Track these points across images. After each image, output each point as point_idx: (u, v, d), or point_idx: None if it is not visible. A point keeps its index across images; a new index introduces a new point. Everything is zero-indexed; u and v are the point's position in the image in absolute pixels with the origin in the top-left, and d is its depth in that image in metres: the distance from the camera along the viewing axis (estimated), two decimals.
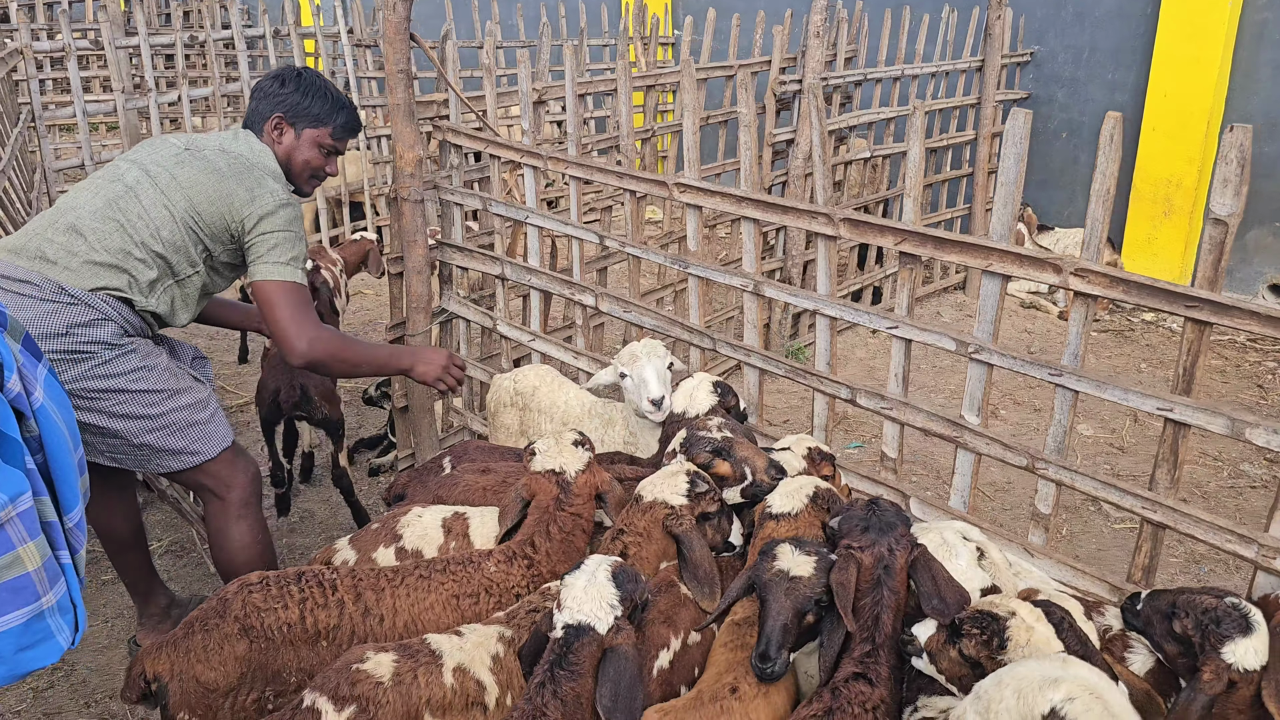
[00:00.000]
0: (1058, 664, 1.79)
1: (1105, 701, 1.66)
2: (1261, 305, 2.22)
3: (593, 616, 2.17)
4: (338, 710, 2.13)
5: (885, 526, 2.28)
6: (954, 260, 2.73)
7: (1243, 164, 2.22)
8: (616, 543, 2.62)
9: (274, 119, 3.29)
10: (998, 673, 1.80)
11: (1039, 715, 1.66)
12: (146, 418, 3.01)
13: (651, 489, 2.61)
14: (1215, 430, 2.39)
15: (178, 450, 3.08)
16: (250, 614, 2.38)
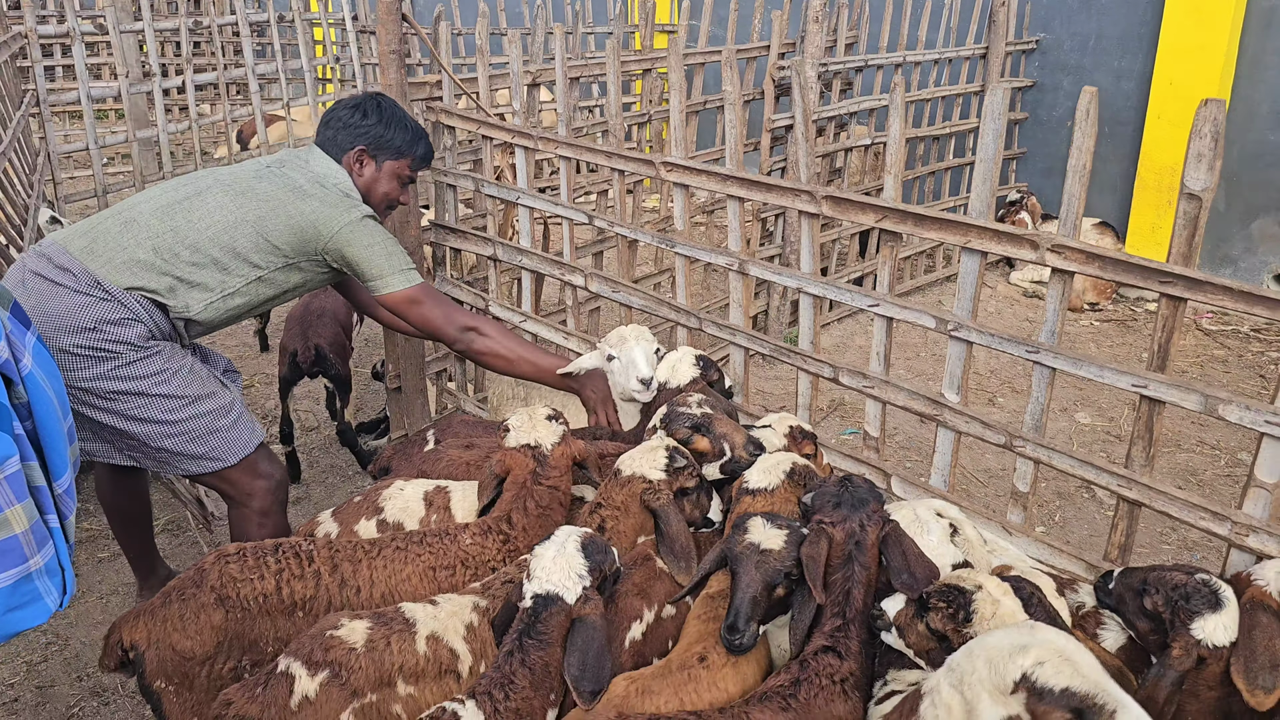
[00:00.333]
0: (1026, 631, 1.80)
1: (1075, 663, 1.68)
2: (1233, 280, 2.21)
3: (561, 586, 2.19)
4: (311, 675, 2.15)
5: (857, 502, 2.28)
6: (933, 237, 2.73)
7: (1216, 138, 2.22)
8: (594, 516, 2.64)
9: (356, 151, 3.28)
10: (969, 644, 1.81)
11: (1011, 682, 1.67)
12: (165, 423, 2.99)
13: (630, 464, 2.62)
14: (1189, 407, 2.38)
15: (196, 456, 3.07)
16: (226, 584, 2.41)
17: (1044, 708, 1.63)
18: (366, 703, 2.18)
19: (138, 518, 3.62)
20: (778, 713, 2.04)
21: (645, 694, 2.12)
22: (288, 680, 2.15)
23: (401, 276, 3.17)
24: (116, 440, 3.06)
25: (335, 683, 2.16)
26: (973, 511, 2.81)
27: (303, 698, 2.13)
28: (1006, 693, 1.66)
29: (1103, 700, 1.63)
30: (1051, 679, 1.64)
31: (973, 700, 1.70)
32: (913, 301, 2.72)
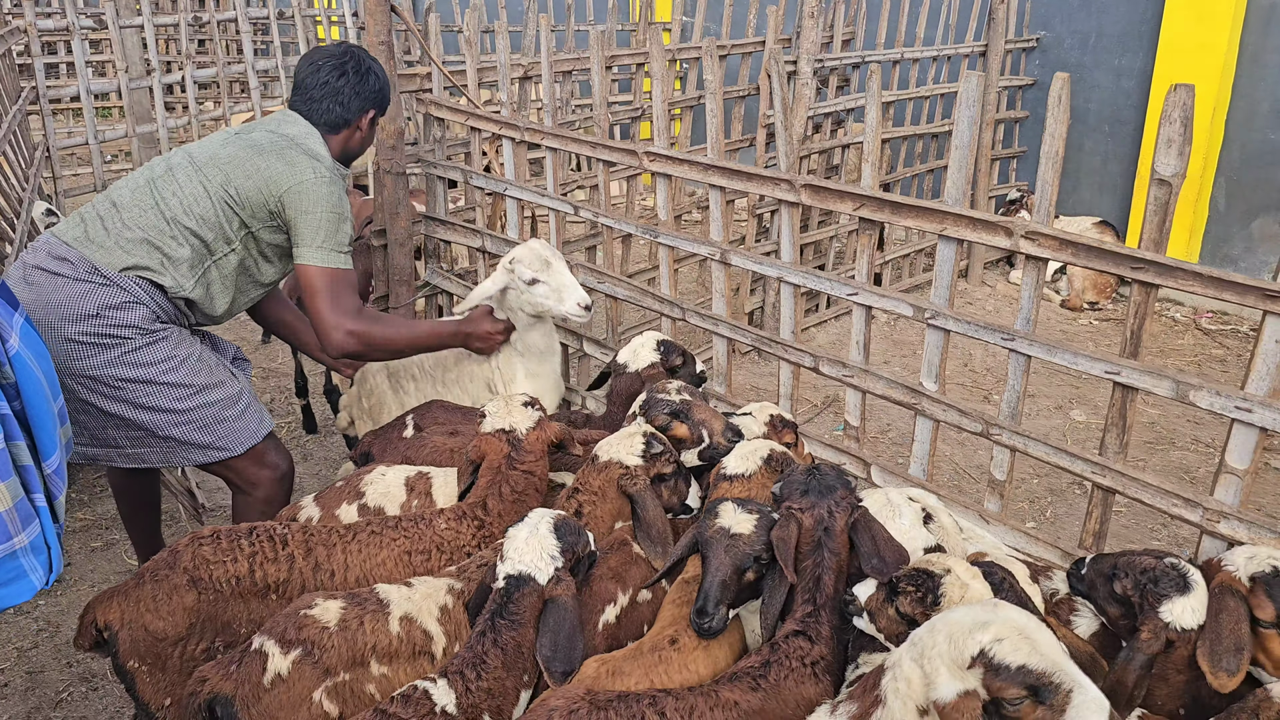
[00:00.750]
0: (989, 609, 1.80)
1: (1033, 641, 1.69)
2: (1203, 267, 2.21)
3: (533, 567, 2.22)
4: (284, 653, 2.17)
5: (825, 489, 2.28)
6: (910, 224, 2.74)
7: (1185, 123, 2.21)
8: (571, 501, 2.66)
9: (369, 114, 3.24)
10: (931, 620, 1.82)
11: (969, 657, 1.68)
12: (174, 411, 2.99)
13: (608, 449, 2.64)
14: (1160, 393, 2.38)
15: (203, 445, 3.06)
16: (199, 566, 2.42)
17: (999, 683, 1.65)
18: (339, 681, 2.19)
19: (147, 504, 3.63)
20: (747, 692, 2.05)
21: (616, 675, 2.14)
22: (261, 658, 2.16)
23: (328, 254, 3.02)
24: (120, 436, 3.05)
25: (308, 661, 2.18)
26: (965, 507, 2.80)
27: (275, 675, 2.14)
28: (964, 667, 1.68)
29: (1059, 679, 1.64)
30: (1009, 656, 1.65)
31: (931, 673, 1.71)
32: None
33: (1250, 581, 2.12)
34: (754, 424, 2.85)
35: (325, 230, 3.01)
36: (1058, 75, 2.46)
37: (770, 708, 2.04)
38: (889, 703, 1.76)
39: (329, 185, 3.03)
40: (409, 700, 2.06)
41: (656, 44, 3.27)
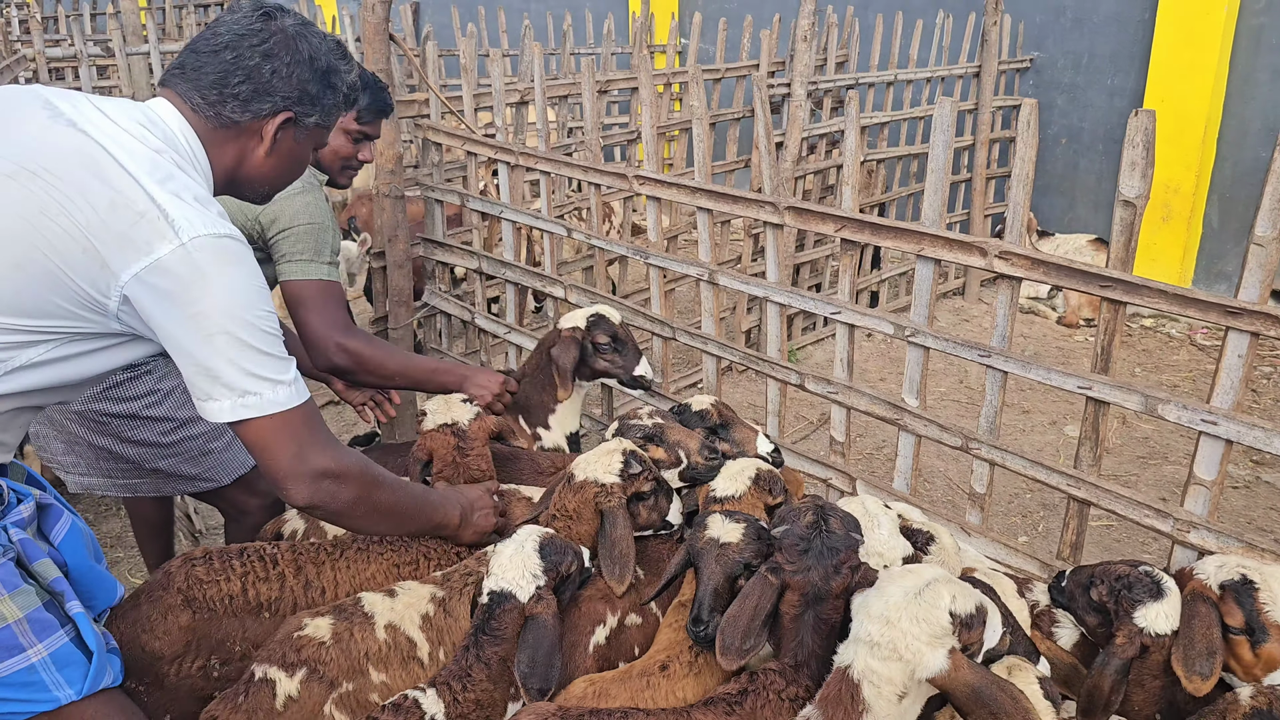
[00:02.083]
0: (911, 576, 1.92)
1: (961, 584, 1.88)
2: (1167, 285, 2.28)
3: (515, 585, 2.25)
4: (290, 675, 2.24)
5: (827, 551, 2.14)
6: (889, 245, 2.81)
7: (1148, 147, 2.29)
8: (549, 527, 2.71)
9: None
10: (876, 615, 1.87)
11: (946, 625, 1.80)
12: (159, 445, 3.00)
13: (584, 468, 2.61)
14: (1131, 407, 2.45)
15: (191, 477, 3.08)
16: (193, 586, 2.48)
17: (970, 634, 1.81)
18: (344, 692, 2.27)
19: (159, 523, 3.68)
20: (721, 718, 2.05)
21: (603, 697, 2.17)
22: (269, 685, 2.23)
23: (312, 266, 2.93)
24: (113, 468, 3.08)
25: (314, 678, 2.25)
26: (990, 538, 2.86)
27: (287, 698, 2.22)
28: (945, 634, 1.79)
29: (983, 602, 1.87)
30: (966, 606, 1.82)
31: (915, 659, 1.79)
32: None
33: (1220, 589, 2.18)
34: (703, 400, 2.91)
35: (305, 241, 2.93)
36: (1025, 101, 2.54)
37: None
38: (874, 707, 1.84)
39: (303, 194, 2.96)
40: (399, 709, 2.12)
41: (645, 69, 3.36)
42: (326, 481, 2.07)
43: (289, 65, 2.05)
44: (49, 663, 1.86)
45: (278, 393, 1.95)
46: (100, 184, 1.81)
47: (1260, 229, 2.20)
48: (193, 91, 2.01)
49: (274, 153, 2.11)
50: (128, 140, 1.88)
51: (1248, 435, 2.28)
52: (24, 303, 1.81)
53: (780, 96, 6.36)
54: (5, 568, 1.82)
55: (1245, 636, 2.14)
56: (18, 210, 1.78)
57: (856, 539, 2.20)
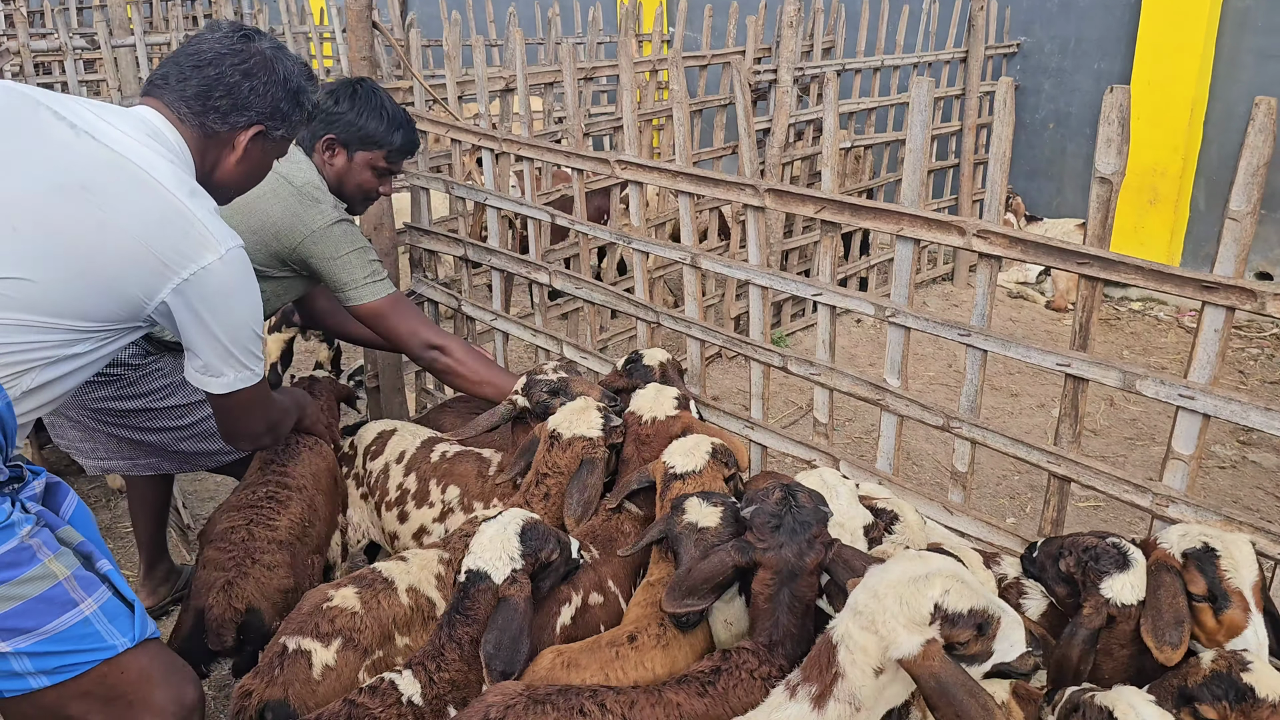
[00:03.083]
0: (919, 561, 1.91)
1: (969, 584, 1.86)
2: (1144, 261, 2.30)
3: (491, 565, 2.26)
4: (325, 645, 2.32)
5: (799, 526, 2.19)
6: (869, 226, 2.83)
7: (1123, 124, 2.31)
8: (541, 486, 2.78)
9: (325, 140, 3.19)
10: (868, 585, 1.90)
11: (926, 614, 1.80)
12: (178, 429, 3.11)
13: (569, 427, 2.77)
14: (1109, 383, 2.47)
15: (212, 453, 3.20)
16: None
17: (956, 630, 1.80)
18: (375, 659, 2.34)
19: (156, 505, 3.74)
20: (693, 697, 2.08)
21: (571, 667, 2.20)
22: (304, 656, 2.30)
23: (372, 287, 3.13)
24: (134, 452, 3.18)
25: (349, 646, 2.34)
26: (972, 516, 2.88)
27: (324, 667, 2.30)
28: (924, 623, 1.80)
29: (994, 611, 1.84)
30: (958, 604, 1.81)
31: (889, 636, 1.80)
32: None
33: (1183, 558, 2.21)
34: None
35: (362, 266, 3.14)
36: (1003, 79, 2.55)
37: (715, 714, 2.05)
38: (848, 674, 1.85)
39: (339, 226, 3.12)
40: (376, 691, 2.14)
41: (626, 54, 3.37)
42: (265, 437, 2.68)
43: (265, 84, 2.32)
44: (100, 614, 2.01)
45: (258, 369, 2.36)
46: (146, 198, 2.05)
47: (1235, 203, 2.21)
48: (179, 102, 2.24)
49: (243, 161, 2.37)
50: (148, 154, 2.11)
51: (1225, 409, 2.30)
52: (84, 307, 2.05)
53: (767, 83, 6.36)
54: (43, 534, 1.97)
55: (1208, 603, 2.17)
56: (76, 223, 1.99)
57: (826, 512, 2.24)
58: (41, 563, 1.93)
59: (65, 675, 1.98)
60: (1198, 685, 2.04)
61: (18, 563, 1.89)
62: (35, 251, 1.97)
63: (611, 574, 2.58)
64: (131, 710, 2.08)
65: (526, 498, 2.84)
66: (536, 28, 10.05)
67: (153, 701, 2.09)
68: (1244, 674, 2.01)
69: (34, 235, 1.97)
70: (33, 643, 1.92)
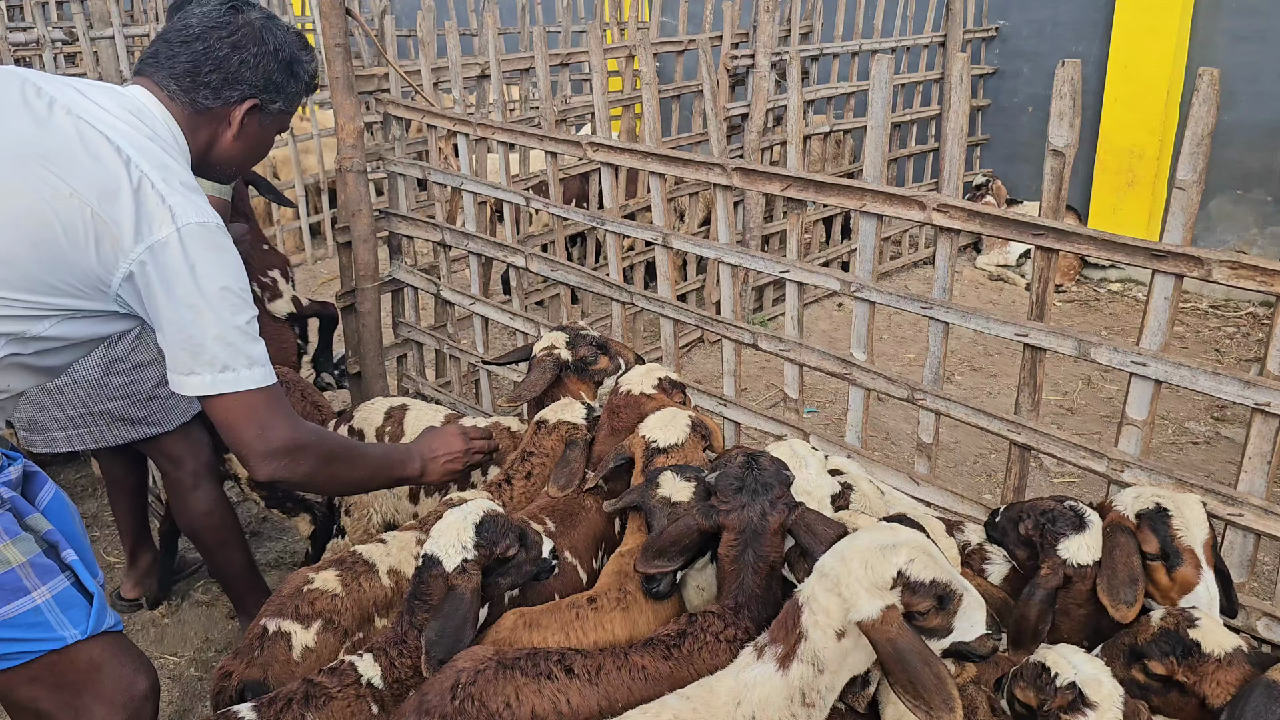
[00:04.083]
0: (888, 531, 1.97)
1: (934, 557, 1.90)
2: (1095, 231, 2.36)
3: (444, 552, 2.21)
4: (305, 627, 2.36)
5: (761, 488, 2.24)
6: (833, 202, 2.88)
7: (1074, 97, 2.36)
8: (524, 465, 2.85)
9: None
10: (836, 549, 1.95)
11: (889, 579, 1.85)
12: (107, 386, 3.10)
13: (555, 414, 2.89)
14: (1065, 351, 2.53)
15: (136, 420, 3.16)
16: None
17: (916, 599, 1.84)
18: (356, 641, 2.39)
19: (132, 490, 3.77)
20: (658, 660, 2.12)
21: (532, 627, 2.25)
22: (284, 638, 2.34)
23: None
24: (50, 419, 3.16)
25: (329, 629, 2.38)
26: (937, 486, 2.94)
27: (304, 648, 2.34)
28: (885, 589, 1.84)
29: (956, 587, 1.88)
30: (922, 573, 1.85)
31: (851, 599, 1.85)
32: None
33: (1137, 518, 2.27)
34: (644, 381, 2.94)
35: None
36: (958, 56, 2.61)
37: (680, 676, 2.08)
38: (810, 635, 1.90)
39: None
40: (335, 672, 2.18)
41: (595, 38, 3.41)
42: (286, 458, 2.19)
43: (256, 56, 2.24)
44: (53, 604, 1.99)
45: (253, 371, 2.10)
46: (105, 170, 1.97)
47: (1181, 173, 2.27)
48: (168, 80, 2.17)
49: (240, 136, 2.29)
50: (124, 128, 2.03)
51: (1174, 375, 2.36)
52: (37, 280, 1.96)
53: (744, 68, 6.40)
54: (4, 518, 1.96)
55: (1161, 562, 2.23)
56: (31, 193, 1.93)
57: (788, 475, 2.29)
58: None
59: (11, 662, 1.98)
60: (1147, 642, 2.11)
61: None
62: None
63: (569, 545, 2.63)
64: (80, 698, 2.08)
65: (509, 473, 2.90)
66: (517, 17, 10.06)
67: (102, 690, 2.09)
68: (1191, 631, 2.07)
69: None
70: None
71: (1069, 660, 1.96)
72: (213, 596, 4.04)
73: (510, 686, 2.00)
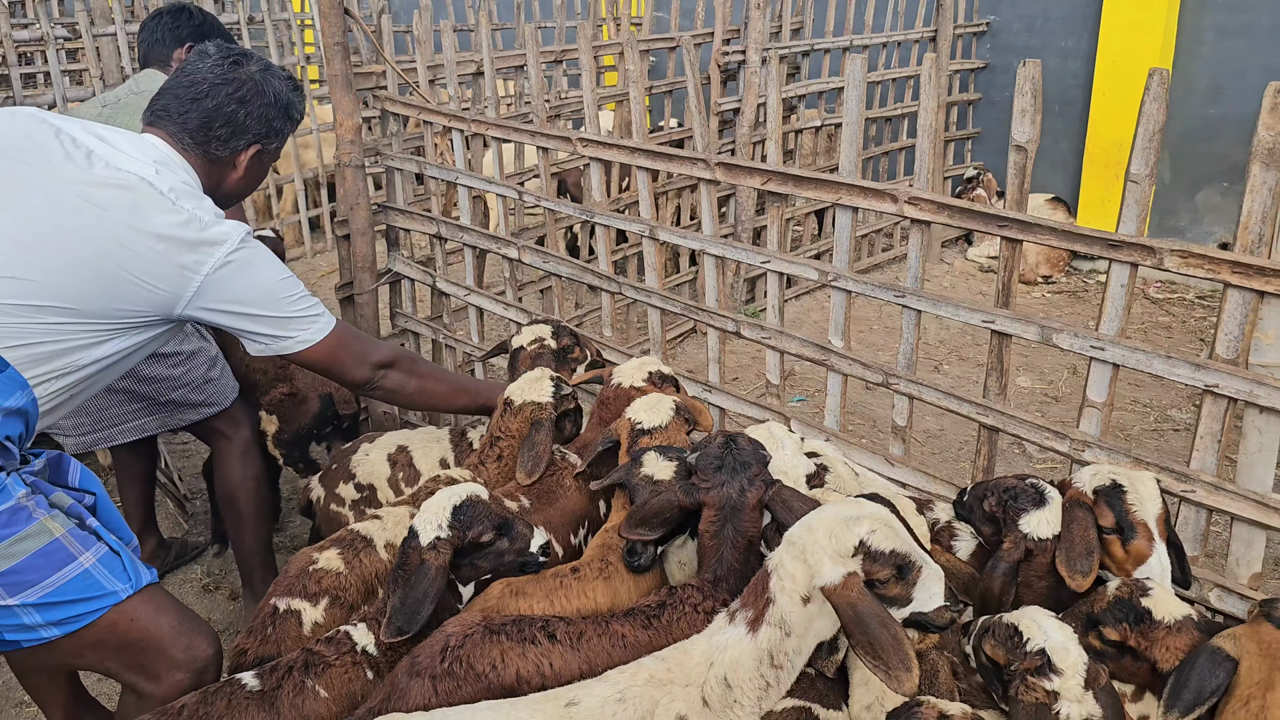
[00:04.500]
0: (854, 504, 2.09)
1: (895, 530, 2.01)
2: (1058, 221, 2.48)
3: (422, 527, 2.33)
4: (314, 605, 2.52)
5: (739, 466, 2.36)
6: (810, 195, 3.00)
7: (1035, 94, 2.48)
8: (494, 449, 2.95)
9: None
10: (804, 520, 2.08)
11: (851, 547, 1.97)
12: (170, 379, 3.35)
13: (521, 393, 2.94)
14: (1029, 337, 2.65)
15: (197, 404, 3.44)
16: None
17: (876, 567, 1.96)
18: (363, 614, 2.47)
19: (141, 476, 3.95)
20: (638, 629, 2.24)
21: (519, 595, 2.37)
22: (294, 615, 2.49)
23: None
24: (121, 414, 3.40)
25: (336, 604, 2.53)
26: (911, 468, 3.06)
27: (314, 624, 2.49)
28: (847, 556, 1.96)
29: (915, 559, 1.99)
30: (882, 543, 1.96)
31: (816, 565, 1.97)
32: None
33: (1094, 494, 2.40)
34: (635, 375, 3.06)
35: None
36: (927, 56, 2.73)
37: (659, 645, 2.16)
38: (778, 600, 2.02)
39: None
40: (332, 641, 2.31)
41: (584, 36, 3.53)
42: (380, 371, 2.71)
43: (260, 107, 2.54)
44: (100, 566, 2.16)
45: (326, 319, 2.56)
46: (163, 212, 2.27)
47: (1134, 167, 2.39)
48: (182, 133, 2.47)
49: (244, 177, 2.63)
50: (157, 177, 2.32)
51: (1131, 358, 2.49)
52: (110, 307, 2.26)
53: (736, 64, 6.51)
54: (38, 499, 2.13)
55: (1117, 535, 2.36)
56: (93, 239, 2.21)
57: (765, 455, 2.41)
58: (38, 521, 2.09)
59: (74, 626, 2.14)
60: (1102, 610, 2.23)
61: (14, 521, 2.06)
62: (58, 263, 2.17)
63: (544, 520, 2.74)
64: (145, 656, 2.25)
65: (482, 458, 3.01)
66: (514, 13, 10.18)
67: (165, 650, 2.25)
68: (1143, 599, 2.20)
69: (57, 250, 2.17)
70: (39, 596, 2.08)
71: (1040, 626, 2.07)
72: (215, 580, 4.17)
73: (496, 650, 2.13)
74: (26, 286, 2.14)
